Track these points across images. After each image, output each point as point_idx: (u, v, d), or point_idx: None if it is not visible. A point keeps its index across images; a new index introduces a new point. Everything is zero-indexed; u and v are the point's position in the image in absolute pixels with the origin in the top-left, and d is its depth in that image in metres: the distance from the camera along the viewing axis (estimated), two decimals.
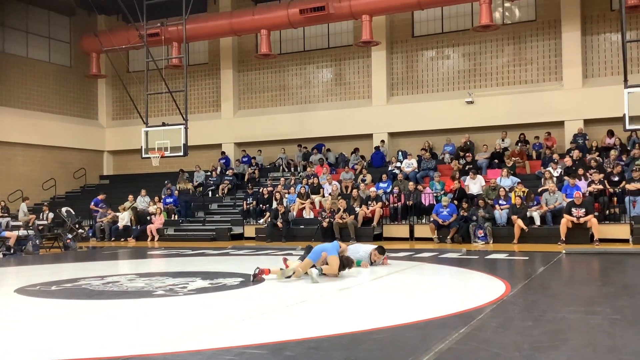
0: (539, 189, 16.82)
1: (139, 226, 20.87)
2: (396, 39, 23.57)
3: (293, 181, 21.27)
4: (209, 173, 24.34)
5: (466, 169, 19.06)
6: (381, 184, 19.27)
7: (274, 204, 19.56)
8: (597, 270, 10.67)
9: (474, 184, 17.99)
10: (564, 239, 14.76)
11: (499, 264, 11.32)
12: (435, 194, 17.90)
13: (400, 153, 21.35)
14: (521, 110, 21.10)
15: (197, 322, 5.94)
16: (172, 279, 9.21)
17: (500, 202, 16.43)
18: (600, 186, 16.02)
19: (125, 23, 24.65)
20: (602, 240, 14.63)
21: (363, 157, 22.53)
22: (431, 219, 16.71)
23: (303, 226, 18.67)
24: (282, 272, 8.69)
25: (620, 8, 15.50)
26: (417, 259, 11.95)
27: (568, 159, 17.87)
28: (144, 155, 19.90)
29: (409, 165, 20.35)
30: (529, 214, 15.89)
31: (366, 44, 21.59)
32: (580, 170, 16.95)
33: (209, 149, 25.55)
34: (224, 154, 25.15)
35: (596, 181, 16.16)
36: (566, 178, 16.70)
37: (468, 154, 20.19)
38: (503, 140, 21.11)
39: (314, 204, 19.42)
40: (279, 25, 22.62)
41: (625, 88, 15.08)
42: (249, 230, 19.66)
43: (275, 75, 25.52)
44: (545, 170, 17.81)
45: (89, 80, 27.50)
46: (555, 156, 18.77)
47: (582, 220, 14.90)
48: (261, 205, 19.99)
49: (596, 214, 15.26)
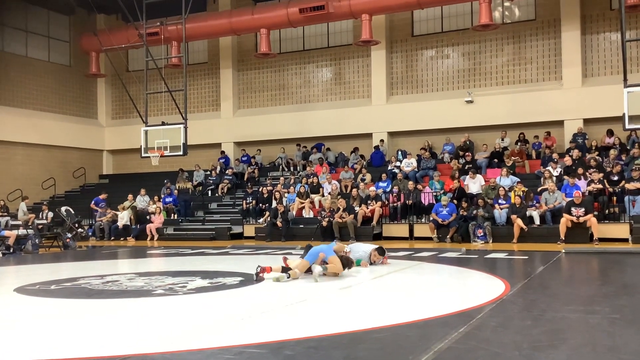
0: (539, 189, 16.82)
1: (138, 225, 20.87)
2: (396, 38, 23.56)
3: (292, 180, 21.27)
4: (209, 172, 24.33)
5: (466, 168, 19.05)
6: (381, 184, 19.27)
7: (274, 204, 19.55)
8: (597, 269, 10.67)
9: (474, 184, 17.98)
10: (564, 239, 14.76)
11: (499, 264, 11.32)
12: (435, 194, 17.91)
13: (399, 152, 21.36)
14: (521, 110, 21.10)
15: (197, 322, 5.94)
16: (172, 278, 9.22)
17: (500, 202, 16.43)
18: (600, 185, 16.02)
19: (125, 22, 24.62)
20: (602, 240, 14.63)
21: (362, 157, 22.53)
22: (431, 219, 16.70)
23: (302, 225, 18.67)
24: (277, 279, 8.48)
25: (620, 7, 15.49)
26: (417, 259, 11.95)
27: (567, 159, 17.85)
28: (143, 155, 19.89)
29: (409, 164, 20.35)
30: (528, 213, 15.89)
31: (366, 43, 21.57)
32: (579, 170, 16.94)
33: (209, 149, 25.54)
34: (223, 153, 25.14)
35: (596, 180, 16.15)
36: (566, 177, 16.70)
37: (467, 154, 20.19)
38: (503, 139, 21.11)
39: (313, 203, 19.42)
40: (279, 24, 22.60)
41: (625, 87, 15.08)
42: (249, 230, 19.66)
43: (275, 74, 25.51)
44: (544, 169, 17.81)
45: (88, 79, 27.47)
46: (554, 155, 18.76)
47: (582, 219, 14.90)
48: (261, 204, 19.98)
49: (596, 213, 15.26)
